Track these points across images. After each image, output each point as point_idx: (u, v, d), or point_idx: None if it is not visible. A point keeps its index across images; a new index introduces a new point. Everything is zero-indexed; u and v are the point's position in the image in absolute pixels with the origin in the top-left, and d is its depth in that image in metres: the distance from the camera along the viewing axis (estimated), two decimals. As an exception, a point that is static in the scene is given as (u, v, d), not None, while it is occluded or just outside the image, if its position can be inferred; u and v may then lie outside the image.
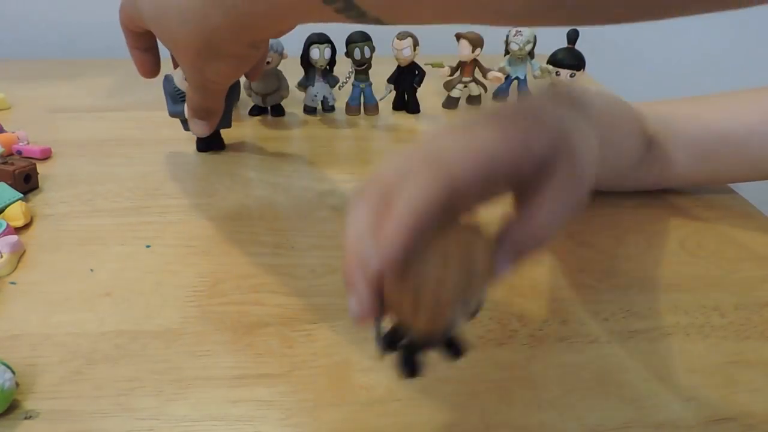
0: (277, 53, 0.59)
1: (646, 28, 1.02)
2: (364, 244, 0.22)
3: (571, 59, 0.65)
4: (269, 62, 0.59)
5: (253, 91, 0.62)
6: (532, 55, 0.68)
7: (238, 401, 0.30)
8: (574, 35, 0.65)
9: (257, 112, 0.65)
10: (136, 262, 0.40)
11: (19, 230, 0.43)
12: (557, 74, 0.66)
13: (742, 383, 0.31)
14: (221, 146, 0.57)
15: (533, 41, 0.67)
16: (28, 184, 0.48)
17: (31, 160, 0.51)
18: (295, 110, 0.66)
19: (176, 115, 0.52)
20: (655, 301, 0.37)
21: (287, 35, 0.41)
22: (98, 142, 0.58)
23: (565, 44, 0.66)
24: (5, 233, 0.40)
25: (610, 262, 0.41)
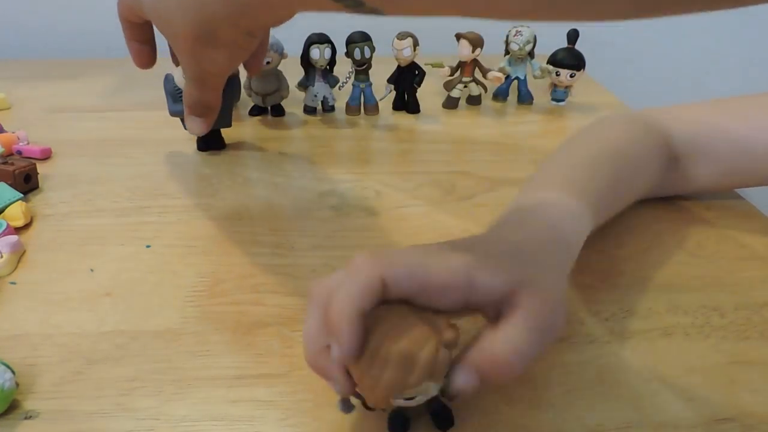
0: (277, 53, 0.58)
1: (646, 28, 1.02)
2: (318, 341, 0.25)
3: (571, 59, 0.65)
4: (269, 62, 0.58)
5: (253, 91, 0.62)
6: (532, 55, 0.68)
7: (237, 401, 0.30)
8: (574, 35, 0.65)
9: (257, 112, 0.65)
10: (136, 262, 0.40)
11: (19, 230, 0.43)
12: (557, 74, 0.66)
13: (742, 383, 0.31)
14: (221, 146, 0.57)
15: (533, 41, 0.67)
16: (28, 184, 0.48)
17: (31, 160, 0.51)
18: (295, 110, 0.66)
19: (176, 114, 0.52)
20: (655, 301, 0.37)
21: (287, 35, 0.41)
22: (98, 142, 0.58)
23: (565, 44, 0.66)
24: (5, 233, 0.40)
25: (610, 262, 0.41)
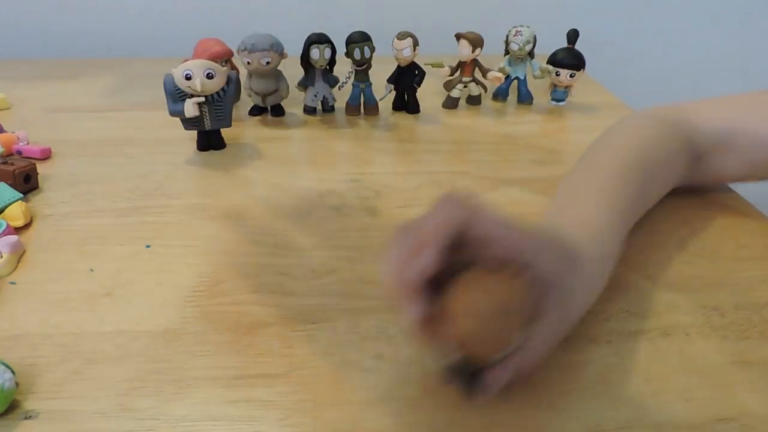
0: (277, 53, 0.58)
1: (646, 28, 1.02)
2: (403, 265, 0.26)
3: (571, 59, 0.65)
4: (269, 62, 0.58)
5: (253, 91, 0.62)
6: (532, 55, 0.68)
7: (237, 401, 0.30)
8: (574, 35, 0.65)
9: (257, 112, 0.65)
10: (136, 262, 0.40)
11: (19, 230, 0.43)
12: (557, 74, 0.66)
13: (742, 383, 0.31)
14: (221, 146, 0.57)
15: (533, 41, 0.67)
16: (28, 184, 0.48)
17: (31, 160, 0.51)
18: (295, 110, 0.66)
19: (176, 114, 0.52)
20: (655, 301, 0.37)
21: (287, 35, 0.40)
22: (98, 142, 0.58)
23: (565, 44, 0.66)
24: (5, 233, 0.40)
25: (610, 262, 0.41)
